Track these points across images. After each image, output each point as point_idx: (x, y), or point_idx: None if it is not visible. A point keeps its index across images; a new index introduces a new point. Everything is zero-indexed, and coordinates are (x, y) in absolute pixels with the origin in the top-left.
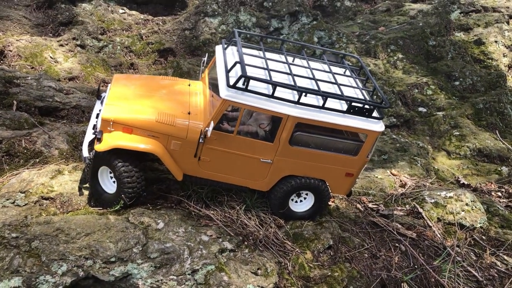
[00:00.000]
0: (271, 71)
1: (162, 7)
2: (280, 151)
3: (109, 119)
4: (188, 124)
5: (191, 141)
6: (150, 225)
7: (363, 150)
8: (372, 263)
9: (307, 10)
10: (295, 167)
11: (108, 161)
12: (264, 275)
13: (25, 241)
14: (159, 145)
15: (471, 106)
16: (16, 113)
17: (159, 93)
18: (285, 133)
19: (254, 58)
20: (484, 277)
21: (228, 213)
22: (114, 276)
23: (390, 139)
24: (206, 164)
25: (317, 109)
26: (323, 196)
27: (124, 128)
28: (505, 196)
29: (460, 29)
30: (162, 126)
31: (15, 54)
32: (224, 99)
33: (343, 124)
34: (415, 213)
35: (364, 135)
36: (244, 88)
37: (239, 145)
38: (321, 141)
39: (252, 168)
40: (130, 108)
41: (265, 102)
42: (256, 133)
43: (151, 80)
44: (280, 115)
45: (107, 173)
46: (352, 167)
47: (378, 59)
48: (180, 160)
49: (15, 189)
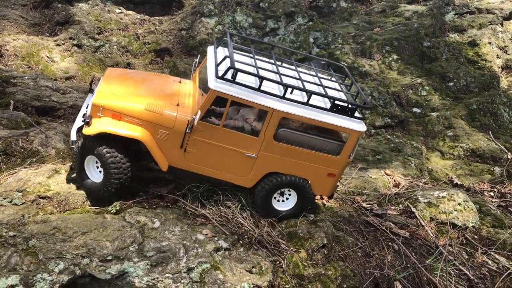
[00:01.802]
0: (259, 69)
1: (158, 7)
2: (265, 146)
3: (99, 105)
4: (176, 114)
5: (178, 131)
6: (146, 224)
7: (345, 150)
8: (365, 262)
9: (303, 11)
10: (278, 164)
11: (95, 149)
12: (258, 274)
13: (22, 239)
14: (147, 133)
15: (465, 107)
16: (13, 113)
17: (150, 86)
18: (270, 127)
19: (243, 57)
20: (475, 275)
21: (223, 212)
22: (110, 274)
23: (385, 139)
24: (192, 156)
25: (302, 105)
26: (306, 196)
27: (113, 114)
28: (497, 196)
29: (455, 30)
30: (150, 115)
31: (12, 54)
32: (212, 89)
33: (326, 122)
34: (408, 212)
35: (347, 134)
36: (231, 80)
37: (224, 138)
38: (305, 139)
39: (236, 162)
40: (120, 96)
41: (252, 94)
42: (243, 128)
43: (143, 74)
44: (266, 108)
45: (93, 163)
46: (334, 167)
47: (373, 60)
48: (166, 150)
49: (12, 188)
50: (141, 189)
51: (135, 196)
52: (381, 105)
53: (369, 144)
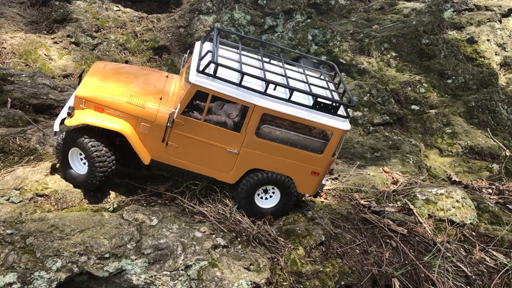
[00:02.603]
0: (243, 64)
1: (156, 5)
2: (247, 142)
3: (82, 97)
4: (158, 108)
5: (160, 125)
6: (144, 221)
7: (328, 148)
8: (363, 259)
9: (302, 8)
10: (261, 161)
11: (80, 141)
12: (256, 271)
13: (20, 237)
14: (128, 126)
15: (463, 104)
16: (11, 111)
17: (135, 79)
18: (252, 123)
19: (229, 52)
20: (473, 272)
21: (221, 210)
22: (108, 272)
23: (383, 137)
24: (174, 151)
25: (284, 101)
26: (289, 193)
27: (96, 106)
28: (495, 193)
29: (453, 27)
30: (132, 108)
31: (9, 52)
32: (192, 84)
33: (308, 119)
34: (406, 209)
35: (330, 133)
36: (212, 74)
37: (206, 133)
38: (288, 136)
39: (218, 158)
40: (104, 88)
41: (233, 90)
42: (225, 123)
43: (130, 68)
44: (247, 104)
45: (77, 155)
46: (318, 165)
47: (372, 57)
48: (148, 144)
49: (9, 186)
50: (139, 187)
51: (133, 194)
52: (380, 103)
53: (367, 141)
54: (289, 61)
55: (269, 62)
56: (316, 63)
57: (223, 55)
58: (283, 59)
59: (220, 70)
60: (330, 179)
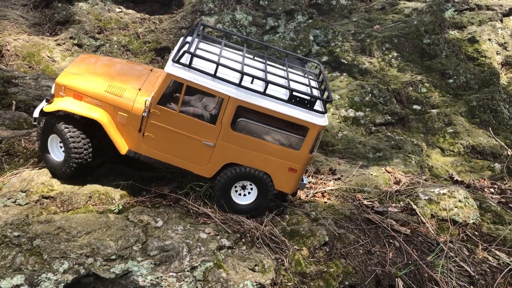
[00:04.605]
0: (222, 57)
1: (158, 6)
2: (222, 135)
3: (62, 84)
4: (135, 97)
5: (136, 115)
6: (150, 223)
7: (305, 144)
8: (367, 259)
9: (303, 8)
10: (238, 155)
11: (56, 127)
12: (261, 272)
13: (27, 239)
14: (106, 115)
15: (465, 103)
16: (15, 113)
17: (118, 71)
18: (227, 115)
19: (212, 47)
20: (476, 272)
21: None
22: (114, 273)
23: (385, 137)
24: (150, 141)
25: (259, 94)
26: (265, 190)
27: (75, 94)
28: (497, 193)
29: (454, 27)
30: (110, 97)
31: (13, 54)
32: (167, 73)
33: (283, 113)
34: (409, 209)
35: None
36: (187, 64)
37: (182, 124)
38: (265, 131)
39: (194, 150)
40: (84, 77)
41: (207, 80)
42: (202, 116)
43: (115, 61)
44: (221, 95)
45: (57, 142)
46: (295, 162)
47: (373, 57)
48: (126, 134)
49: (16, 189)
50: (143, 188)
51: (137, 196)
52: (381, 103)
53: (369, 141)
54: (274, 58)
55: (252, 58)
56: (302, 61)
57: (204, 49)
58: (266, 56)
59: (198, 62)
60: (333, 180)
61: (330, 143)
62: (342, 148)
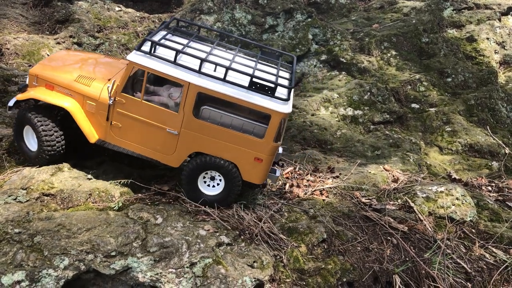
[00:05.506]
0: (189, 47)
1: (158, 5)
2: (186, 122)
3: (34, 74)
4: (103, 87)
5: (103, 103)
6: (149, 220)
7: (269, 133)
8: (364, 256)
9: (302, 7)
10: (203, 144)
11: (30, 120)
12: (260, 268)
13: (27, 236)
14: (75, 104)
15: (463, 102)
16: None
17: (92, 64)
18: (188, 103)
19: (182, 39)
20: (473, 269)
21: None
22: (114, 269)
23: (383, 135)
24: (118, 130)
25: (219, 81)
26: (232, 180)
27: (47, 84)
28: (494, 191)
29: (453, 26)
30: (78, 86)
31: (13, 52)
32: (129, 61)
33: (243, 99)
34: (407, 207)
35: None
36: (148, 51)
37: (146, 112)
38: (229, 119)
39: (160, 139)
40: (57, 68)
41: (167, 67)
42: (167, 105)
43: (91, 55)
44: (181, 81)
45: (32, 132)
46: (260, 151)
47: (372, 56)
48: (95, 122)
49: (16, 186)
50: (143, 186)
51: (137, 193)
52: (380, 101)
53: (368, 140)
54: (246, 51)
55: (225, 51)
56: (277, 54)
57: (174, 40)
58: (238, 49)
59: (161, 51)
60: (331, 178)
61: (328, 141)
62: (341, 146)
